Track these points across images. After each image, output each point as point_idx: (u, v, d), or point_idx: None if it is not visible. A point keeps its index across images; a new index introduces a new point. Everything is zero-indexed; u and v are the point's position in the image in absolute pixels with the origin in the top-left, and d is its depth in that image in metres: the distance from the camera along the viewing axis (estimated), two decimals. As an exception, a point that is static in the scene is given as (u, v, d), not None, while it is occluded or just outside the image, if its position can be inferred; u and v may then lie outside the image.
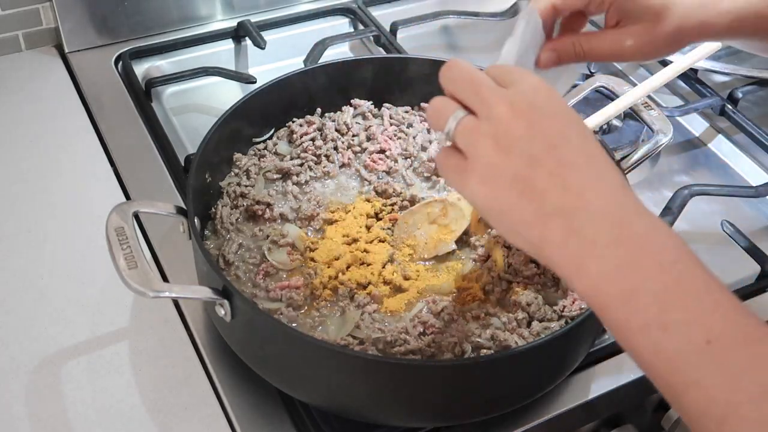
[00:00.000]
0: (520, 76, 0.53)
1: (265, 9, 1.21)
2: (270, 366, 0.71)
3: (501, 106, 0.51)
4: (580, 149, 0.50)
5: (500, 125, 0.50)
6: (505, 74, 0.53)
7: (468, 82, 0.53)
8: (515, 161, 0.50)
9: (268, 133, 0.91)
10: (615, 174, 0.50)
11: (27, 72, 1.11)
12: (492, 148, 0.50)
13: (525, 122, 0.50)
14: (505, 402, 0.71)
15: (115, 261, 0.66)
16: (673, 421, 0.87)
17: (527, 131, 0.50)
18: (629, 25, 0.66)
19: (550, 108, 0.51)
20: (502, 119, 0.50)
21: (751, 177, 1.04)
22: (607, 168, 0.50)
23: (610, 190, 0.49)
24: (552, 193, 0.49)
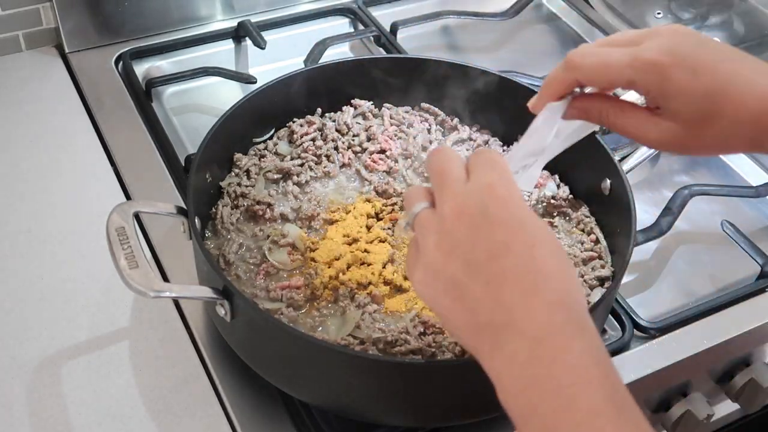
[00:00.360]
0: (482, 169, 0.52)
1: (265, 9, 1.21)
2: (270, 366, 0.71)
3: (450, 203, 0.51)
4: (520, 262, 0.49)
5: (445, 224, 0.51)
6: (475, 164, 0.53)
7: (438, 172, 0.53)
8: (454, 265, 0.50)
9: (268, 133, 0.91)
10: (553, 289, 0.49)
11: (27, 72, 1.11)
12: (434, 246, 0.51)
13: (469, 225, 0.50)
14: (505, 402, 0.71)
15: (116, 261, 0.66)
16: (673, 421, 0.87)
17: (470, 236, 0.50)
18: (667, 119, 0.58)
19: (501, 214, 0.50)
20: (447, 218, 0.51)
21: (751, 177, 1.04)
22: (545, 283, 0.49)
23: (540, 307, 0.48)
24: (485, 306, 0.49)
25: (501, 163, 0.53)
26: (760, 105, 0.54)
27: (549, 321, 0.48)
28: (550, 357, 0.47)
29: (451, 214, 0.51)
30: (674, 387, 0.87)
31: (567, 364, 0.46)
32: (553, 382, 0.46)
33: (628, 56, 0.56)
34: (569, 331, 0.48)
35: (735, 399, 0.91)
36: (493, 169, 0.52)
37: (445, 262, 0.50)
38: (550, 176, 0.88)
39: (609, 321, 0.82)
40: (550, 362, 0.47)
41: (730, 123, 0.55)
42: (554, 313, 0.48)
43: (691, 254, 0.93)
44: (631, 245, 0.73)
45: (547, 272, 0.49)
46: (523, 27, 1.29)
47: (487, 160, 0.53)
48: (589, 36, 1.27)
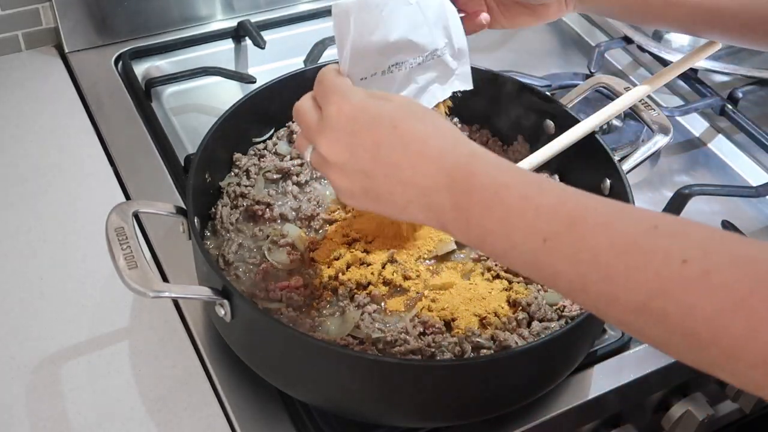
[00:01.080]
0: (326, 101, 0.60)
1: (265, 9, 1.21)
2: (270, 366, 0.71)
3: (320, 142, 0.59)
4: (394, 146, 0.57)
5: (329, 158, 0.59)
6: (320, 98, 0.61)
7: (302, 123, 0.62)
8: (354, 179, 0.58)
9: (268, 133, 0.90)
10: (432, 144, 0.56)
11: (27, 72, 1.11)
12: (335, 175, 0.60)
13: (343, 149, 0.58)
14: (505, 402, 0.71)
15: (115, 261, 0.66)
16: (673, 422, 0.87)
17: (348, 154, 0.58)
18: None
19: (356, 126, 0.58)
20: (326, 153, 0.59)
21: (751, 177, 1.04)
22: (421, 144, 0.56)
23: (431, 165, 0.56)
24: (397, 191, 0.57)
25: (338, 82, 0.61)
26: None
27: (443, 167, 0.55)
28: (465, 189, 0.54)
29: (326, 150, 0.59)
30: (674, 387, 0.87)
31: (481, 185, 0.54)
32: (481, 204, 0.53)
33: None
34: (464, 161, 0.55)
35: (735, 399, 0.91)
36: (333, 93, 0.59)
37: (348, 182, 0.59)
38: (550, 176, 0.88)
39: (609, 321, 0.82)
40: (468, 193, 0.54)
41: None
42: (443, 159, 0.55)
43: (691, 254, 0.93)
44: (631, 245, 0.73)
45: (416, 136, 0.56)
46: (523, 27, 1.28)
47: (325, 89, 0.61)
48: (589, 36, 1.27)
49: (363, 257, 0.78)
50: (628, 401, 0.83)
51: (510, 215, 0.52)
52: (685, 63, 0.85)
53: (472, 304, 0.75)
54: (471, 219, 0.54)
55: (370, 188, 0.58)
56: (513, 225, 0.52)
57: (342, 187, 0.60)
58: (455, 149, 0.56)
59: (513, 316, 0.74)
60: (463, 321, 0.73)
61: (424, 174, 0.56)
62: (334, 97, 0.59)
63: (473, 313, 0.74)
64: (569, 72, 1.17)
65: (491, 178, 0.54)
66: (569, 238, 0.50)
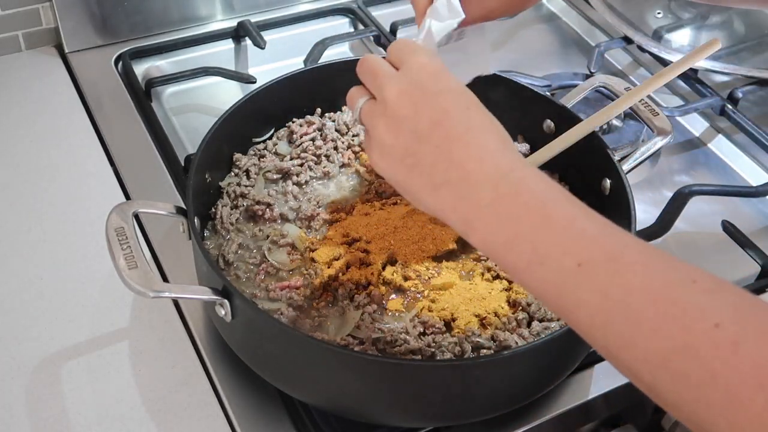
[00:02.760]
0: (410, 56, 0.58)
1: (265, 9, 1.21)
2: (270, 366, 0.71)
3: (390, 88, 0.57)
4: (461, 122, 0.55)
5: (389, 106, 0.57)
6: (399, 56, 0.59)
7: (369, 71, 0.60)
8: (404, 138, 0.56)
9: (268, 133, 0.91)
10: (494, 139, 0.55)
11: (27, 72, 1.11)
12: (384, 128, 0.57)
13: (410, 102, 0.56)
14: (505, 402, 0.71)
15: (115, 261, 0.66)
16: (673, 422, 0.87)
17: (412, 110, 0.56)
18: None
19: (435, 86, 0.56)
20: (389, 101, 0.57)
21: (751, 177, 1.04)
22: (486, 135, 0.55)
23: (488, 156, 0.54)
24: (439, 167, 0.55)
25: (421, 46, 0.60)
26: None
27: (498, 164, 0.54)
28: (513, 191, 0.53)
29: (392, 97, 0.57)
30: (674, 387, 0.87)
31: (531, 191, 0.52)
32: (525, 208, 0.52)
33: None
34: (519, 167, 0.54)
35: (735, 399, 0.91)
36: (418, 52, 0.58)
37: (395, 138, 0.57)
38: (551, 176, 0.88)
39: (609, 321, 0.82)
40: (515, 195, 0.52)
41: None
42: (501, 157, 0.54)
43: (691, 254, 0.93)
44: (631, 245, 0.73)
45: (484, 126, 0.56)
46: (523, 27, 1.29)
47: (408, 47, 0.59)
48: (589, 36, 1.27)
49: (363, 257, 0.78)
50: (628, 401, 0.82)
51: (551, 228, 0.51)
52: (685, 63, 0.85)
53: (472, 304, 0.75)
54: (506, 221, 0.52)
55: (414, 153, 0.55)
56: (551, 240, 0.50)
57: (386, 141, 0.57)
58: (513, 155, 0.55)
59: (513, 316, 0.74)
60: (462, 321, 0.73)
61: (477, 160, 0.54)
62: (420, 55, 0.58)
63: (473, 313, 0.74)
64: (569, 72, 1.17)
65: (542, 189, 0.53)
66: (604, 269, 0.48)
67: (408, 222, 0.81)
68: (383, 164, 0.58)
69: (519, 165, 0.54)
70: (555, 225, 0.51)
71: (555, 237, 0.50)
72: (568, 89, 1.08)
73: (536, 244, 0.51)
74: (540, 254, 0.50)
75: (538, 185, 0.53)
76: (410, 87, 0.57)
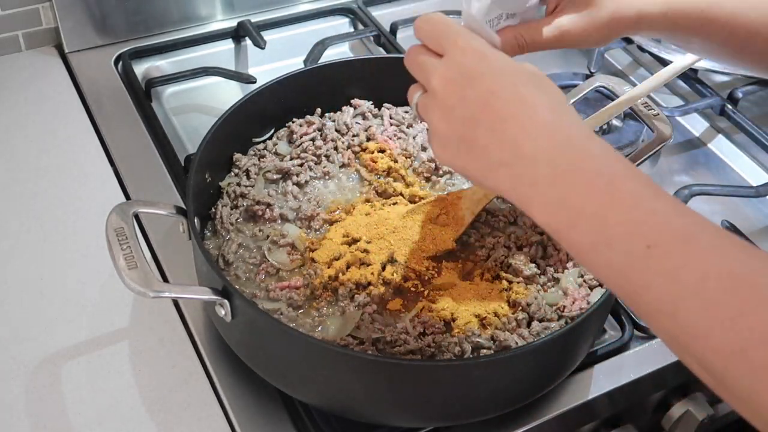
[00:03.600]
0: (450, 42, 0.57)
1: (265, 9, 1.21)
2: (270, 366, 0.71)
3: (435, 79, 0.57)
4: (511, 100, 0.54)
5: (438, 97, 0.56)
6: (439, 42, 0.58)
7: (415, 64, 0.60)
8: (456, 126, 0.55)
9: (268, 133, 0.91)
10: (546, 111, 0.53)
11: (27, 72, 1.11)
12: (437, 118, 0.57)
13: (457, 89, 0.55)
14: (505, 402, 0.71)
15: (115, 261, 0.66)
16: (673, 422, 0.87)
17: (460, 97, 0.55)
18: (565, 13, 0.67)
19: (478, 69, 0.55)
20: (437, 91, 0.56)
21: (751, 177, 1.04)
22: (537, 109, 0.53)
23: (543, 132, 0.52)
24: (493, 148, 0.54)
25: (459, 28, 0.59)
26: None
27: (554, 137, 0.52)
28: (573, 167, 0.51)
29: (439, 88, 0.56)
30: (674, 387, 0.87)
31: (593, 166, 0.50)
32: (588, 186, 0.50)
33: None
34: (578, 141, 0.52)
35: (735, 399, 0.91)
36: (457, 37, 0.57)
37: (448, 127, 0.56)
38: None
39: (609, 321, 0.82)
40: (575, 171, 0.50)
41: (615, 4, 0.66)
42: (556, 130, 0.52)
43: (691, 254, 0.93)
44: (631, 245, 0.73)
45: (535, 102, 0.54)
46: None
47: (446, 31, 0.58)
48: (589, 36, 1.27)
49: (363, 257, 0.78)
50: (628, 401, 0.83)
51: (618, 208, 0.48)
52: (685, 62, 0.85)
53: (472, 304, 0.75)
54: (567, 200, 0.50)
55: (468, 138, 0.55)
56: (617, 219, 0.48)
57: (440, 131, 0.56)
58: (571, 126, 0.53)
59: (513, 316, 0.74)
60: (462, 320, 0.73)
61: (530, 138, 0.52)
62: (460, 39, 0.57)
63: (473, 313, 0.74)
64: (569, 72, 1.17)
65: (607, 164, 0.50)
66: (677, 252, 0.45)
67: (408, 222, 0.81)
68: (443, 155, 0.58)
69: (577, 134, 0.52)
70: (622, 204, 0.48)
71: (622, 216, 0.48)
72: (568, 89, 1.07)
73: (602, 224, 0.48)
74: (606, 235, 0.48)
75: (600, 158, 0.50)
76: (455, 74, 0.56)
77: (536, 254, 0.80)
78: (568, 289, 0.76)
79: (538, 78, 0.56)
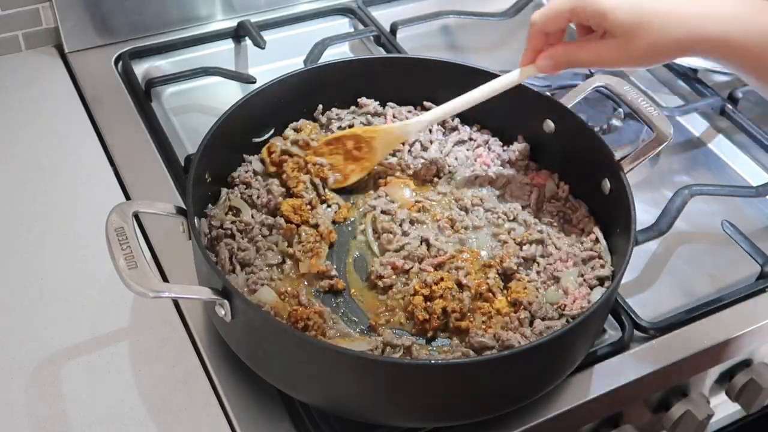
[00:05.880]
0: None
1: (265, 9, 1.21)
2: (270, 366, 0.71)
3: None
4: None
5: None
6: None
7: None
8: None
9: (268, 133, 0.90)
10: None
11: (27, 72, 1.11)
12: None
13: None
14: (505, 402, 0.71)
15: (115, 261, 0.66)
16: (673, 422, 0.87)
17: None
18: (608, 38, 0.72)
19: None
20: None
21: (751, 177, 1.04)
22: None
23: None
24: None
25: None
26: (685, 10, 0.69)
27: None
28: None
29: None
30: (674, 387, 0.87)
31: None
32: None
33: (568, 0, 0.73)
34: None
35: (735, 399, 0.91)
36: None
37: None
38: (550, 176, 0.88)
39: (609, 321, 0.82)
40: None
41: (659, 29, 0.69)
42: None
43: (691, 254, 0.93)
44: (631, 245, 0.73)
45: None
46: (523, 27, 1.28)
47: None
48: (589, 36, 1.27)
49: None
50: (628, 401, 0.83)
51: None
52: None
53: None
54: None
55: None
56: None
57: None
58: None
59: (515, 315, 0.74)
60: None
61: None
62: None
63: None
64: (569, 72, 1.16)
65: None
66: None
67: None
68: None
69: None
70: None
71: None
72: (568, 89, 1.07)
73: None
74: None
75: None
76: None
77: (536, 253, 0.80)
78: (569, 288, 0.76)
79: None
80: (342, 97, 0.93)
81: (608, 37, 0.72)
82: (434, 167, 0.89)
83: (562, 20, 0.74)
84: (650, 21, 0.69)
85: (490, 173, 0.89)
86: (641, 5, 0.69)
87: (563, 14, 0.73)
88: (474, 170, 0.89)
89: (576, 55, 0.75)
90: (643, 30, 0.69)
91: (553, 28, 0.76)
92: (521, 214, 0.85)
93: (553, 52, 0.76)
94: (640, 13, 0.69)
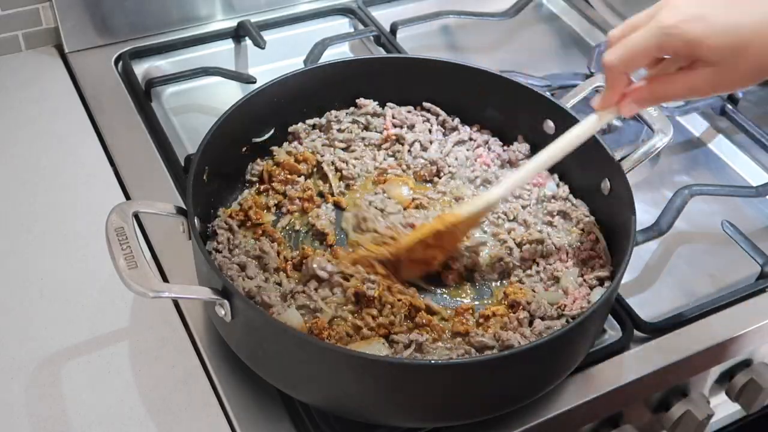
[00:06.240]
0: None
1: (265, 9, 1.21)
2: (270, 366, 0.71)
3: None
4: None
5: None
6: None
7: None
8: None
9: (269, 133, 0.90)
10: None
11: (27, 72, 1.11)
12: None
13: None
14: (505, 402, 0.71)
15: (115, 261, 0.66)
16: (673, 421, 0.87)
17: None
18: (702, 67, 0.66)
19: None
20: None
21: (751, 177, 1.04)
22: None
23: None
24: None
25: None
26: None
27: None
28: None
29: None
30: (674, 387, 0.87)
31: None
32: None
33: (650, 34, 0.67)
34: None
35: (735, 399, 0.91)
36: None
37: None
38: (550, 176, 0.88)
39: (609, 321, 0.82)
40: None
41: (760, 50, 0.64)
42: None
43: (691, 254, 0.93)
44: (631, 245, 0.73)
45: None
46: (523, 27, 1.28)
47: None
48: (589, 36, 1.27)
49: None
50: (628, 401, 0.83)
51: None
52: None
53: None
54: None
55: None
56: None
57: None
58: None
59: (514, 316, 0.74)
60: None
61: None
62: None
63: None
64: (569, 72, 1.16)
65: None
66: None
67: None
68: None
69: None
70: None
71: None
72: (568, 89, 1.07)
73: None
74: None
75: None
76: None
77: (536, 253, 0.80)
78: (569, 288, 0.76)
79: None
80: (342, 97, 0.93)
81: (700, 66, 0.66)
82: (434, 167, 0.89)
83: (646, 58, 0.69)
84: (751, 42, 0.64)
85: (490, 173, 0.89)
86: (737, 28, 0.64)
87: (648, 51, 0.68)
88: (474, 170, 0.89)
89: (666, 93, 0.70)
90: (745, 53, 0.64)
91: (635, 67, 0.70)
92: (521, 214, 0.85)
93: (639, 95, 0.71)
94: (736, 37, 0.64)
